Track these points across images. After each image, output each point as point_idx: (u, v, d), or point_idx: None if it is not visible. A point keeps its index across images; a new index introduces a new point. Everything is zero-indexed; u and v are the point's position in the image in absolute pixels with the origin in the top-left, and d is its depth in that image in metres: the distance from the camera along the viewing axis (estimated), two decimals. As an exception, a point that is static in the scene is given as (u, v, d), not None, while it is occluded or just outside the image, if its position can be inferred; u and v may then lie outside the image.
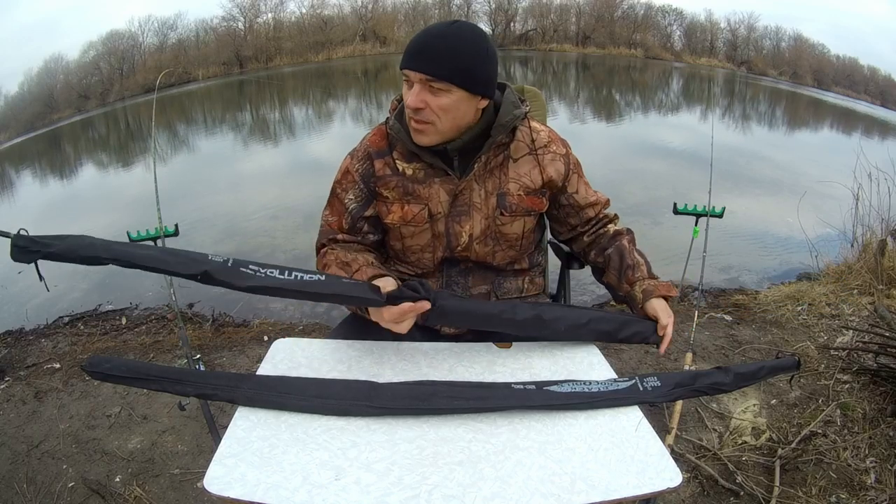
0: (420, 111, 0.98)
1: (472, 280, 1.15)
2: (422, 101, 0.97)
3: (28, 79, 13.05)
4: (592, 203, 1.18)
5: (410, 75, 0.98)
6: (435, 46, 0.96)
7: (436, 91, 0.97)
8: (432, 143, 1.03)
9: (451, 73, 0.96)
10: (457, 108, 0.99)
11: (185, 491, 1.59)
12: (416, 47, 0.97)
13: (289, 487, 0.70)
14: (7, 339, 2.61)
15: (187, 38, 16.11)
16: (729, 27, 18.69)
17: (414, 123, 1.01)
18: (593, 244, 1.20)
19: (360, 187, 1.10)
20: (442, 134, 1.02)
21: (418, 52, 0.97)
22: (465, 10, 18.67)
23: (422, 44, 0.97)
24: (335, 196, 1.13)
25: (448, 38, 0.96)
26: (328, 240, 1.13)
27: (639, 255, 1.13)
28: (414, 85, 0.97)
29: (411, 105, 0.98)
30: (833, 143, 8.72)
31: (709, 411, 1.85)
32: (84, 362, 0.86)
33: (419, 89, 0.97)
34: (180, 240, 1.88)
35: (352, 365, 0.97)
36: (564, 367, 0.99)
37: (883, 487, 1.50)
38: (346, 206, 1.11)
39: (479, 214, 1.09)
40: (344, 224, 1.12)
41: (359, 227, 1.12)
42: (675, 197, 1.92)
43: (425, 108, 0.98)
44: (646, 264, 1.12)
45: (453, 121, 1.01)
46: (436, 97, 0.97)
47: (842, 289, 2.70)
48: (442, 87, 0.96)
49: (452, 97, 0.98)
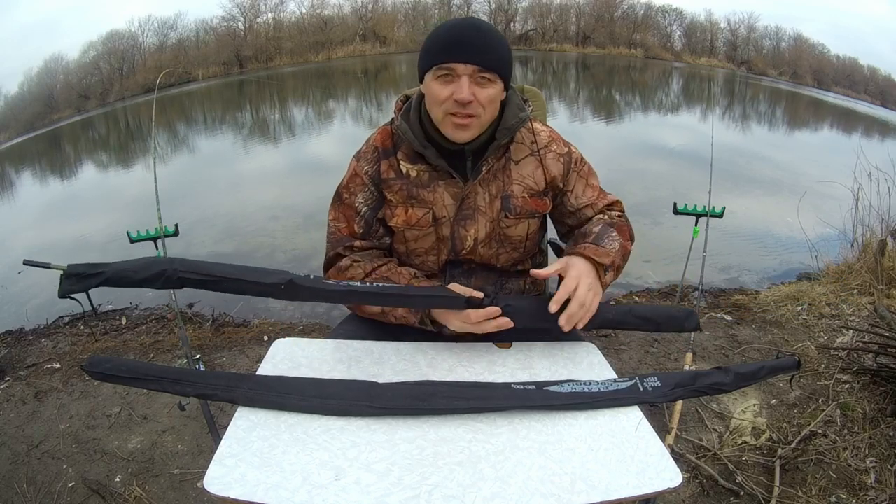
0: (469, 104, 0.96)
1: (474, 281, 1.14)
2: (471, 93, 0.95)
3: (28, 79, 13.08)
4: (589, 204, 1.12)
5: (458, 68, 0.94)
6: (476, 38, 0.95)
7: (484, 82, 0.96)
8: (473, 137, 1.01)
9: (498, 65, 0.96)
10: (497, 101, 1.00)
11: (185, 491, 1.59)
12: (457, 39, 0.95)
13: (289, 488, 0.70)
14: (7, 339, 2.61)
15: (187, 38, 16.12)
16: (729, 27, 18.71)
17: (457, 119, 0.97)
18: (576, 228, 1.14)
19: (370, 189, 1.08)
20: (482, 127, 1.01)
21: (462, 44, 0.94)
22: (465, 10, 18.66)
23: (461, 36, 0.95)
24: (342, 202, 1.10)
25: (484, 30, 0.96)
26: (344, 248, 1.09)
27: (596, 229, 1.05)
28: (462, 78, 0.95)
29: (464, 98, 0.94)
30: (833, 143, 8.72)
31: (709, 411, 1.85)
32: (84, 362, 0.86)
33: (468, 82, 0.95)
34: (180, 240, 1.89)
35: (352, 365, 0.97)
36: (564, 367, 0.99)
37: (883, 487, 1.50)
38: (356, 209, 1.09)
39: (483, 218, 1.08)
40: (357, 229, 1.09)
41: (374, 230, 1.09)
42: (675, 197, 1.92)
43: (473, 101, 0.96)
44: (595, 235, 1.03)
45: (492, 114, 1.01)
46: (483, 89, 0.96)
47: (842, 289, 2.70)
48: (490, 77, 0.96)
49: (496, 88, 0.98)
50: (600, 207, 1.14)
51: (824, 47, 17.47)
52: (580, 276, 0.96)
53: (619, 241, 1.05)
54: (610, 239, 1.04)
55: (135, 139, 9.55)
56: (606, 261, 1.00)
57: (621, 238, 1.07)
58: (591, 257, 0.99)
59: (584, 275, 0.96)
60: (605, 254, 1.01)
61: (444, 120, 0.99)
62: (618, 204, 1.17)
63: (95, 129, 11.57)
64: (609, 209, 1.16)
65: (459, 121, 0.98)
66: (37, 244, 4.33)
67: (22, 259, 0.88)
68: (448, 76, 0.96)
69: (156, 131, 2.33)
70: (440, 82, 0.97)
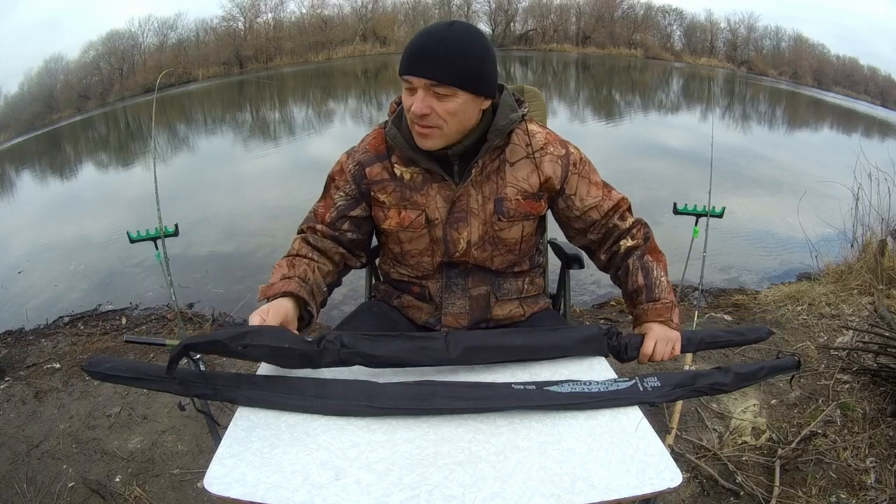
0: (426, 117, 0.96)
1: (471, 281, 1.14)
2: (427, 106, 0.95)
3: (28, 79, 13.08)
4: (594, 205, 1.11)
5: (413, 81, 0.95)
6: (436, 50, 0.94)
7: (441, 96, 0.95)
8: (437, 146, 1.01)
9: (456, 77, 0.94)
10: (463, 112, 0.98)
11: (185, 491, 1.59)
12: (417, 51, 0.95)
13: (289, 488, 0.70)
14: (7, 339, 2.61)
15: (187, 38, 16.13)
16: (729, 27, 18.72)
17: (419, 128, 0.99)
18: (611, 263, 1.15)
19: (350, 186, 1.10)
20: (447, 137, 1.01)
21: (419, 56, 0.94)
22: (465, 10, 18.69)
23: (422, 48, 0.95)
24: (327, 188, 1.14)
25: (449, 41, 0.94)
26: (307, 227, 1.12)
27: (642, 277, 1.07)
28: (417, 91, 0.95)
29: (417, 112, 0.95)
30: (833, 143, 8.72)
31: (709, 411, 1.85)
32: (84, 362, 0.86)
33: (423, 95, 0.95)
34: (180, 240, 1.89)
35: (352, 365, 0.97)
36: (564, 366, 0.98)
37: (883, 487, 1.50)
38: (334, 201, 1.11)
39: (476, 220, 1.08)
40: (327, 217, 1.11)
41: (339, 224, 1.11)
42: (675, 197, 1.92)
43: (431, 114, 0.96)
44: (646, 287, 1.07)
45: (459, 124, 1.00)
46: (441, 102, 0.96)
47: (842, 289, 2.70)
48: (447, 91, 0.95)
49: (458, 101, 0.96)
50: (606, 210, 1.12)
51: (824, 47, 17.50)
52: (654, 339, 1.01)
53: (657, 268, 1.08)
54: (655, 278, 1.07)
55: (135, 139, 9.55)
56: (668, 314, 1.04)
57: (656, 261, 1.10)
58: (656, 321, 1.03)
59: (652, 337, 1.02)
60: (663, 307, 1.04)
61: (412, 128, 1.01)
62: (623, 202, 1.14)
63: (95, 129, 11.57)
64: (618, 215, 1.12)
65: (420, 129, 0.99)
66: (37, 244, 4.33)
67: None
68: (409, 87, 0.97)
69: (156, 131, 2.33)
70: (406, 94, 0.98)
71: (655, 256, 1.11)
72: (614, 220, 1.12)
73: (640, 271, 1.08)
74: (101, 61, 14.49)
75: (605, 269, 1.17)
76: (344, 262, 1.14)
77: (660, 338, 1.02)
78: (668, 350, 1.01)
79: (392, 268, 1.20)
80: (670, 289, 1.08)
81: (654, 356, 1.01)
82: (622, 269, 1.11)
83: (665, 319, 1.03)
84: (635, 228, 1.13)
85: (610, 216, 1.12)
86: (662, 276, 1.08)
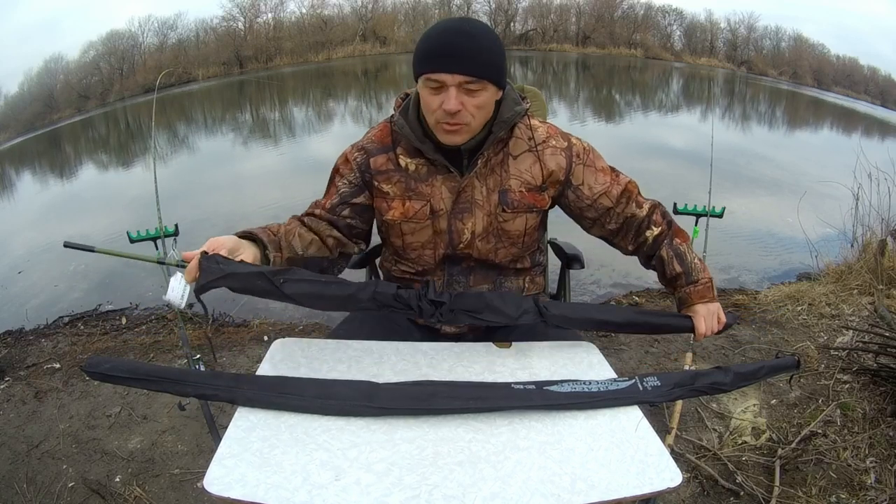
0: (457, 114, 0.96)
1: (473, 279, 1.15)
2: (460, 103, 0.96)
3: (28, 79, 13.05)
4: (604, 192, 1.12)
5: (445, 79, 0.94)
6: (466, 46, 0.94)
7: (471, 91, 0.96)
8: (464, 141, 1.02)
9: (488, 71, 0.96)
10: (488, 105, 1.00)
11: (185, 491, 1.59)
12: (444, 49, 0.94)
13: (289, 488, 0.70)
14: (7, 339, 2.61)
15: (187, 38, 16.10)
16: (729, 27, 18.69)
17: (447, 126, 0.99)
18: (639, 251, 1.18)
19: (354, 175, 1.10)
20: (473, 131, 1.02)
21: (449, 53, 0.94)
22: (465, 10, 18.66)
23: (450, 44, 0.94)
24: (332, 181, 1.14)
25: (475, 36, 0.95)
26: (305, 212, 1.13)
27: (678, 264, 1.12)
28: (449, 88, 0.94)
29: (452, 109, 0.95)
30: (833, 142, 8.71)
31: (709, 411, 1.85)
32: (84, 363, 0.86)
33: (456, 92, 0.95)
34: (180, 240, 1.88)
35: (352, 365, 0.97)
36: (564, 366, 0.99)
37: (883, 487, 1.50)
38: (337, 188, 1.12)
39: (481, 211, 1.09)
40: (328, 203, 1.12)
41: (339, 210, 1.11)
42: (675, 197, 1.91)
43: (462, 110, 0.96)
44: (684, 273, 1.11)
45: (484, 117, 1.01)
46: (472, 97, 0.96)
47: (842, 289, 2.70)
48: (478, 86, 0.96)
49: (487, 94, 0.98)
50: (616, 196, 1.13)
51: (824, 47, 17.46)
52: (702, 317, 1.09)
53: (689, 251, 1.13)
54: (690, 261, 1.12)
55: (135, 139, 9.55)
56: (709, 294, 1.11)
57: (684, 241, 1.14)
58: (700, 301, 1.10)
59: (700, 316, 1.09)
60: (704, 288, 1.11)
61: (436, 127, 1.01)
62: (632, 185, 1.15)
63: (95, 129, 11.56)
64: (633, 202, 1.14)
65: (450, 128, 0.99)
66: (37, 244, 4.33)
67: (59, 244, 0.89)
68: (437, 86, 0.96)
69: (156, 131, 2.33)
70: (430, 92, 0.97)
71: (682, 237, 1.15)
72: (631, 208, 1.14)
73: (675, 259, 1.12)
74: (101, 61, 14.47)
75: (633, 255, 1.21)
76: (339, 249, 1.13)
77: (706, 315, 1.09)
78: (714, 323, 1.10)
79: (393, 265, 1.20)
80: (703, 265, 1.13)
81: (707, 333, 1.09)
82: (656, 258, 1.15)
83: (709, 299, 1.10)
84: (654, 214, 1.15)
85: (623, 203, 1.14)
86: (695, 257, 1.13)
